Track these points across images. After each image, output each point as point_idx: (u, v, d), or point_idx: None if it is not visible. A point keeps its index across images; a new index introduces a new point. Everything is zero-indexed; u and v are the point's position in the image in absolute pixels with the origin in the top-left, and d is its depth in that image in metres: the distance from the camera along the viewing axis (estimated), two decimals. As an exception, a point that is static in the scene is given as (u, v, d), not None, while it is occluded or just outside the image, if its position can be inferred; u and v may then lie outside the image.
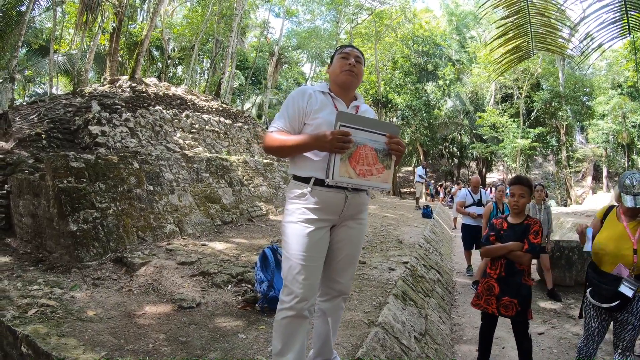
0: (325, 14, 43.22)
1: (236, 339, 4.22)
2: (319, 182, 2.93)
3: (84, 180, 7.53)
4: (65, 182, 7.20)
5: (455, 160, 51.43)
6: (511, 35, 7.49)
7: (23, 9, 19.91)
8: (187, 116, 16.65)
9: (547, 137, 37.88)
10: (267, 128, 18.63)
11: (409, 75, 39.14)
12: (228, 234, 9.63)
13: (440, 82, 40.12)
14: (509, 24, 7.41)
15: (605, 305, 4.09)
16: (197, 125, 16.72)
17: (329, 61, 3.49)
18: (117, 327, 4.47)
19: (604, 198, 24.59)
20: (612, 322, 4.21)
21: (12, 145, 10.57)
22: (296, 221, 2.97)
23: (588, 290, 4.32)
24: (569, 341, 6.18)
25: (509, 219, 4.79)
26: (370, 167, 2.87)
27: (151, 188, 8.86)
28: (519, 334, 4.65)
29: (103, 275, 6.32)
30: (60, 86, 34.28)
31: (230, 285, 5.97)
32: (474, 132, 41.74)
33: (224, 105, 20.59)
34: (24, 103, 20.63)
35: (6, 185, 8.82)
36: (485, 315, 4.83)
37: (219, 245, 8.28)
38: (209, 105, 19.09)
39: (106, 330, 4.35)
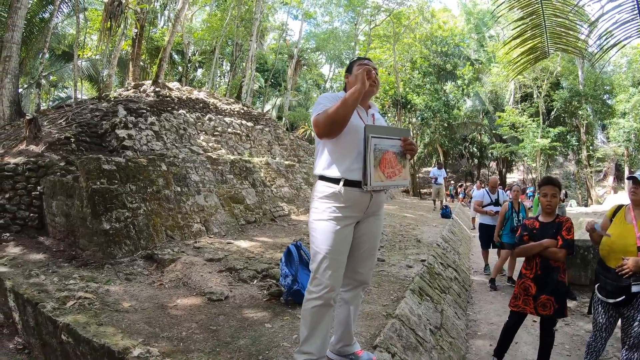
0: (343, 16, 43.31)
1: (263, 328, 4.46)
2: (349, 183, 3.18)
3: (116, 181, 7.89)
4: (98, 183, 7.55)
5: (475, 161, 51.00)
6: (527, 35, 7.59)
7: (46, 15, 20.37)
8: (210, 119, 16.91)
9: (567, 136, 37.34)
10: (287, 130, 18.80)
11: (428, 76, 38.88)
12: (252, 233, 9.88)
13: (459, 82, 39.82)
14: (524, 25, 7.52)
15: (611, 301, 4.20)
16: (219, 128, 16.97)
17: (345, 68, 3.71)
18: (152, 317, 4.74)
19: (626, 198, 24.20)
20: (620, 319, 4.29)
21: (43, 148, 10.90)
22: (326, 219, 3.22)
23: (596, 286, 4.44)
24: (582, 338, 6.31)
25: (540, 218, 4.91)
26: (393, 168, 3.25)
27: (179, 189, 9.17)
28: (546, 329, 4.76)
29: (135, 270, 6.64)
30: (84, 90, 34.82)
31: (255, 280, 6.22)
32: (494, 132, 41.29)
33: (245, 108, 20.76)
34: (51, 108, 21.06)
35: (39, 187, 9.11)
36: (515, 314, 4.93)
37: (243, 244, 8.53)
38: (230, 108, 19.31)
39: (141, 320, 4.63)
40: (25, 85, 25.13)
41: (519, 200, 9.27)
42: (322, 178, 3.30)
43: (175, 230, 8.40)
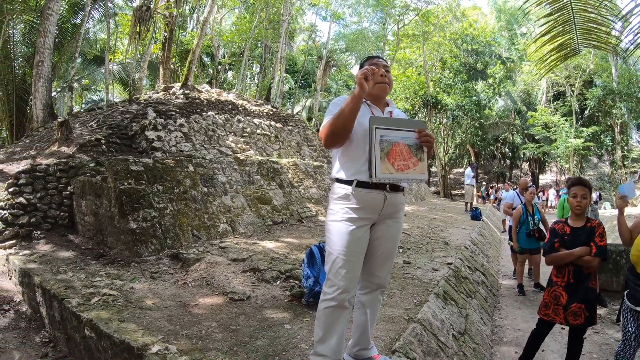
0: (372, 16, 42.99)
1: (282, 329, 4.46)
2: (361, 184, 3.15)
3: (143, 182, 8.04)
4: (125, 184, 7.69)
5: (507, 162, 50.37)
6: (556, 32, 7.43)
7: (77, 21, 20.77)
8: (239, 121, 17.01)
9: (601, 136, 36.62)
10: (317, 131, 18.81)
11: (458, 74, 38.54)
12: (278, 233, 9.90)
13: (490, 81, 39.30)
14: (553, 21, 7.37)
15: (639, 309, 4.08)
16: (248, 129, 17.08)
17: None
18: (173, 315, 4.79)
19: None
20: None
21: (74, 150, 11.11)
22: (340, 220, 3.19)
23: (625, 293, 4.29)
24: (611, 347, 6.04)
25: (570, 222, 4.70)
26: (406, 161, 3.11)
27: (205, 190, 9.26)
28: (575, 337, 4.61)
29: (160, 269, 6.73)
30: (116, 93, 35.40)
31: (279, 281, 6.23)
32: (526, 132, 40.73)
33: (274, 109, 20.83)
34: (82, 110, 21.44)
35: (69, 187, 9.33)
36: (543, 323, 4.78)
37: (269, 244, 8.55)
38: (259, 109, 19.40)
39: (163, 318, 4.69)
40: (59, 89, 25.66)
41: (532, 202, 9.08)
42: (337, 180, 3.29)
43: (202, 230, 8.48)
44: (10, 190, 8.84)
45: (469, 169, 19.93)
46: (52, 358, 5.19)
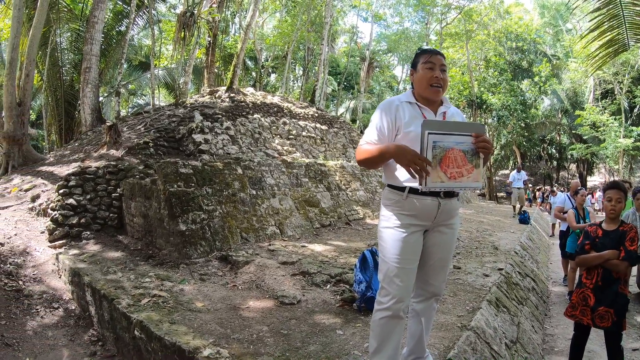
0: (413, 16, 42.78)
1: (334, 335, 4.38)
2: (413, 190, 3.02)
3: (192, 184, 8.12)
4: (175, 186, 7.78)
5: (554, 163, 49.21)
6: (605, 27, 7.19)
7: (122, 28, 21.22)
8: (284, 123, 17.05)
9: (653, 135, 35.42)
10: (362, 132, 18.72)
11: (503, 73, 37.47)
12: (326, 236, 9.83)
13: (536, 79, 37.83)
14: (601, 16, 7.12)
15: None
16: (294, 132, 17.10)
17: (411, 63, 3.46)
18: (224, 318, 4.79)
19: None
20: None
21: (122, 153, 11.26)
22: (392, 227, 3.10)
23: None
24: None
25: (604, 225, 4.60)
26: (460, 168, 2.90)
27: (254, 192, 9.30)
28: (612, 345, 4.45)
29: (209, 271, 6.75)
30: (161, 97, 36.04)
31: (329, 285, 6.16)
32: (573, 131, 39.39)
33: (319, 111, 20.82)
34: (129, 114, 21.85)
35: (119, 189, 9.50)
36: (579, 326, 4.63)
37: (317, 247, 8.49)
38: (304, 111, 19.42)
39: (213, 320, 4.68)
40: (106, 94, 26.27)
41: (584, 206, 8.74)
42: (389, 186, 3.19)
43: (250, 232, 8.51)
44: (61, 191, 9.06)
45: (514, 172, 19.39)
46: (100, 357, 5.27)
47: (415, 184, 2.94)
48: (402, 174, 3.02)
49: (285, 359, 3.80)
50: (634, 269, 7.46)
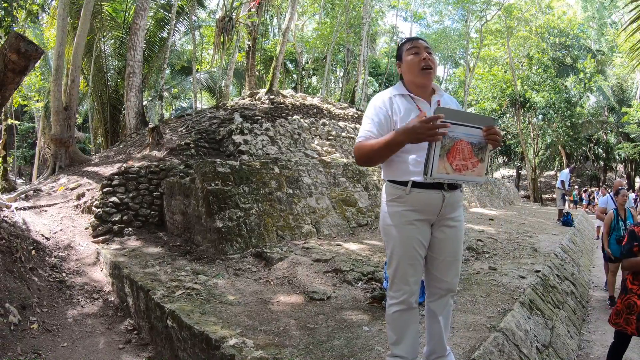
0: (453, 14, 42.22)
1: (360, 331, 4.44)
2: (416, 185, 2.98)
3: (230, 183, 8.31)
4: (213, 185, 8.00)
5: (601, 163, 47.52)
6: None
7: (164, 35, 21.72)
8: (324, 124, 17.16)
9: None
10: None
11: (547, 70, 36.03)
12: (362, 235, 9.83)
13: (581, 76, 36.04)
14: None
15: None
16: (333, 133, 17.18)
17: (396, 55, 3.39)
18: (253, 311, 4.92)
19: None
20: None
21: (164, 153, 11.56)
22: (397, 224, 3.07)
23: None
24: None
25: None
26: (466, 161, 2.87)
27: (291, 191, 9.40)
28: None
29: (244, 267, 6.91)
30: (203, 100, 36.61)
31: (360, 283, 6.20)
32: (621, 130, 37.50)
33: (359, 112, 20.78)
34: (172, 117, 22.32)
35: (160, 188, 9.78)
36: (619, 334, 4.44)
37: (352, 246, 8.51)
38: (344, 112, 19.49)
39: (243, 313, 4.82)
40: (150, 98, 26.85)
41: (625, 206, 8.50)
42: (390, 181, 3.14)
43: (286, 230, 8.62)
44: (105, 190, 9.39)
45: (566, 170, 18.80)
46: (134, 344, 5.48)
47: (418, 178, 2.93)
48: (405, 168, 3.00)
49: (308, 351, 3.87)
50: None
